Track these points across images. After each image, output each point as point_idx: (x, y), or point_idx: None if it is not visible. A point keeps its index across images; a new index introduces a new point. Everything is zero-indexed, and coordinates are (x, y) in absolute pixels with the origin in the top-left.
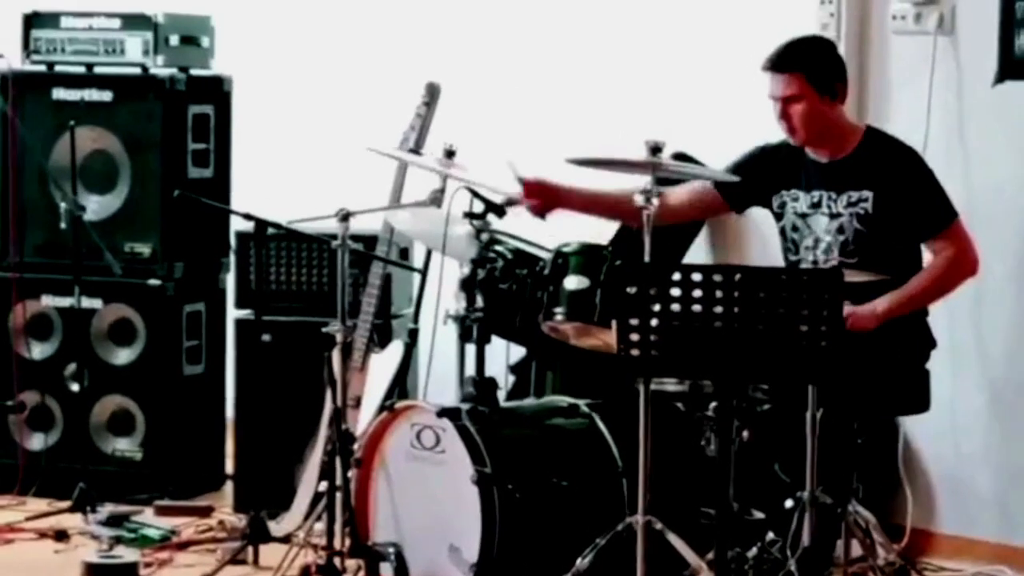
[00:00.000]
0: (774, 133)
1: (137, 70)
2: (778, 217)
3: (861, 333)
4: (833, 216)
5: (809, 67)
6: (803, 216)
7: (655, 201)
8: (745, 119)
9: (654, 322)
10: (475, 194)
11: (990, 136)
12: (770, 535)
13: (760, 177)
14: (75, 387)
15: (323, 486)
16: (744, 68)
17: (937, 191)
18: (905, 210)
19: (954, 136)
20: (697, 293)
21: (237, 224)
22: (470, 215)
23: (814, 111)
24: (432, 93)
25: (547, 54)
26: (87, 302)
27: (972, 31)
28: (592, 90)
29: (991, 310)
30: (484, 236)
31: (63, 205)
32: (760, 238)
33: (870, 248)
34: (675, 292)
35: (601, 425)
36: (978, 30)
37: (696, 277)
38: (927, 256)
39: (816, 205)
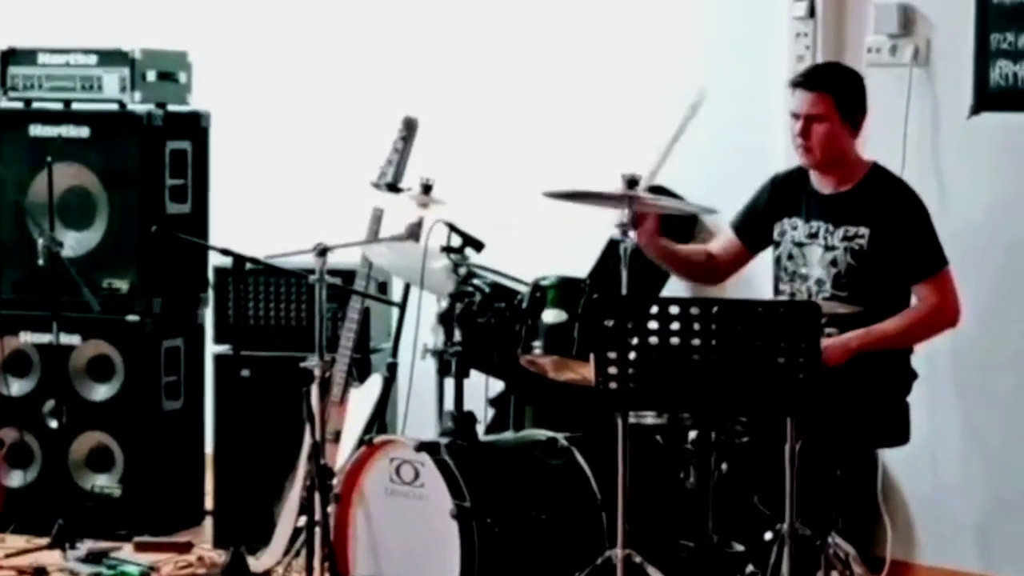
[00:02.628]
0: (748, 167)
1: (114, 106)
2: (776, 245)
3: (840, 365)
4: (828, 248)
5: (839, 90)
6: (800, 245)
7: (632, 235)
8: (721, 150)
9: (632, 355)
10: (453, 228)
11: (965, 167)
12: (750, 567)
13: (772, 208)
14: (54, 423)
15: (302, 521)
16: (721, 100)
17: (931, 237)
18: (897, 250)
19: (929, 167)
20: (675, 326)
21: (215, 259)
22: (448, 249)
23: (834, 134)
24: (409, 127)
25: (523, 87)
26: (65, 338)
27: (947, 63)
28: (569, 123)
29: (969, 341)
30: (462, 270)
31: (41, 241)
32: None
33: (861, 284)
34: (653, 325)
35: (580, 458)
36: (953, 62)
37: (674, 310)
38: (913, 300)
39: (813, 235)
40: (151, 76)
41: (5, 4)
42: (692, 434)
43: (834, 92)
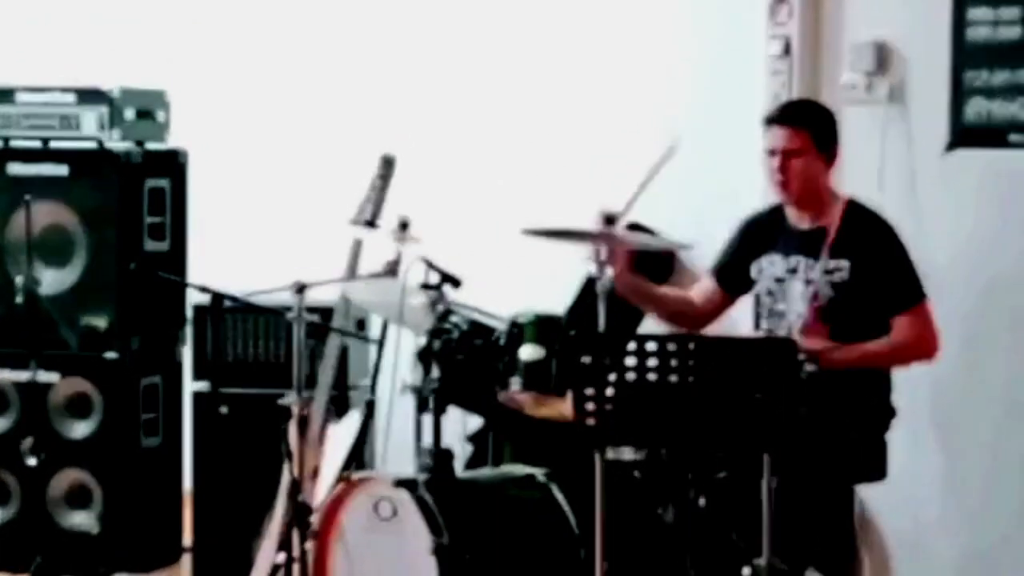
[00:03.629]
0: (725, 204)
1: (93, 144)
2: (754, 283)
3: (822, 395)
4: (808, 282)
5: (815, 125)
6: (779, 281)
7: (608, 272)
8: (698, 188)
9: (610, 391)
10: (431, 265)
11: (941, 204)
12: None
13: (747, 249)
14: (32, 461)
15: (281, 558)
16: (698, 138)
17: (909, 270)
18: (877, 283)
19: (905, 203)
20: (652, 362)
21: (193, 297)
22: (426, 286)
23: (811, 169)
24: (387, 165)
25: (501, 125)
26: (44, 376)
27: (922, 100)
28: (547, 161)
29: (948, 378)
30: (440, 307)
31: (19, 279)
32: None
33: (841, 317)
34: (630, 361)
35: (558, 494)
36: (928, 99)
37: (651, 346)
38: (892, 333)
39: (793, 271)
40: (129, 114)
41: None
42: (670, 470)
43: (810, 127)
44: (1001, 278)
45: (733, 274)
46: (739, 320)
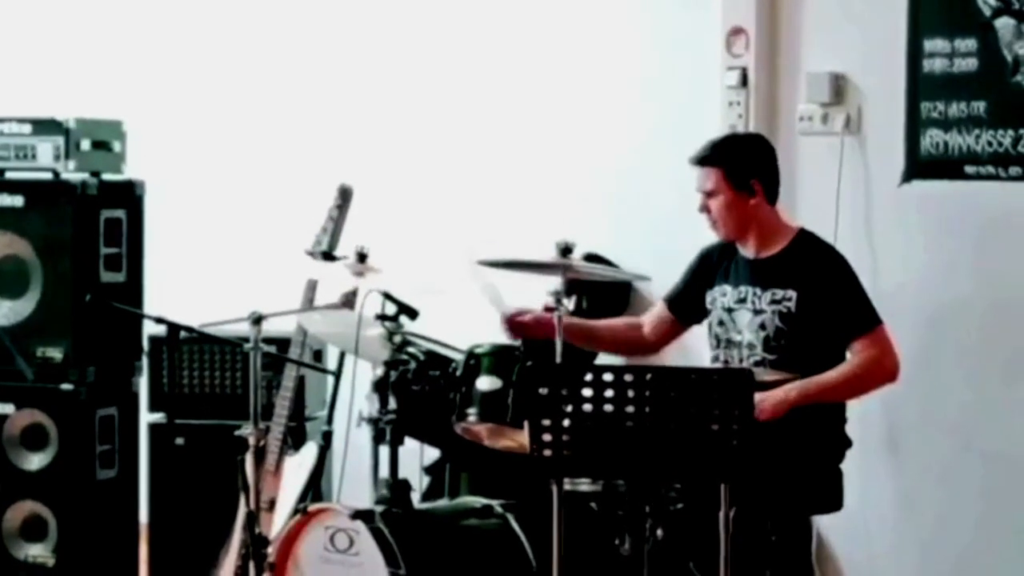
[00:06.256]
0: (682, 236)
1: (49, 175)
2: (708, 313)
3: (777, 427)
4: (757, 312)
5: (728, 162)
6: (729, 311)
7: (566, 303)
8: (655, 219)
9: (566, 422)
10: (388, 296)
11: (897, 235)
12: None
13: (701, 279)
14: None
15: None
16: (655, 169)
17: (861, 296)
18: (827, 312)
19: (861, 234)
20: (609, 393)
21: (150, 328)
22: (382, 317)
23: (731, 206)
24: (344, 196)
25: (457, 157)
26: None
27: (878, 131)
28: (502, 193)
29: (900, 407)
30: (396, 338)
31: None
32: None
33: (791, 346)
34: (587, 392)
35: (515, 525)
36: (884, 130)
37: (607, 377)
38: (848, 357)
39: (742, 300)
40: (85, 145)
41: None
42: (627, 501)
43: (722, 165)
44: (955, 309)
45: (686, 303)
46: (696, 348)
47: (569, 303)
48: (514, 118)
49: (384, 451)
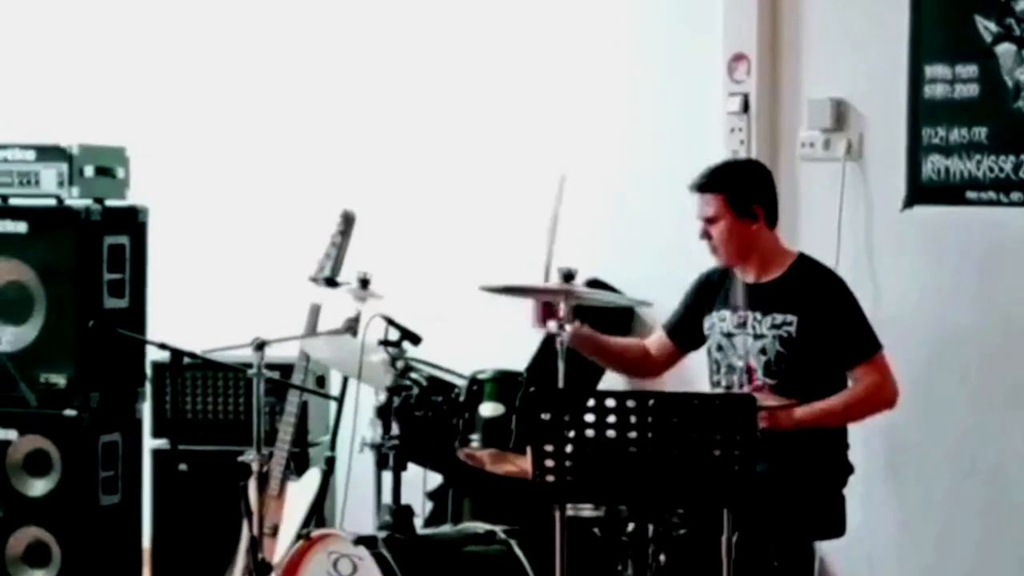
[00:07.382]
0: (684, 262)
1: (52, 201)
2: (706, 338)
3: (780, 453)
4: (757, 337)
5: (729, 188)
6: (728, 336)
7: (568, 328)
8: (657, 244)
9: (569, 448)
10: (390, 322)
11: (899, 260)
12: None
13: (700, 305)
14: None
15: None
16: (656, 194)
17: (862, 321)
18: (828, 337)
19: (863, 260)
20: (611, 419)
21: (153, 354)
22: (385, 343)
23: (732, 232)
24: (347, 221)
25: (462, 182)
26: (2, 433)
27: (880, 157)
28: (506, 217)
29: (902, 434)
30: (399, 364)
31: None
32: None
33: (791, 371)
34: (589, 418)
35: (518, 551)
36: (886, 156)
37: (610, 403)
38: (850, 384)
39: (742, 325)
40: (89, 171)
41: None
42: (629, 526)
43: (724, 191)
44: (956, 334)
45: (685, 329)
46: (697, 373)
47: (571, 329)
48: (517, 144)
49: (387, 477)
